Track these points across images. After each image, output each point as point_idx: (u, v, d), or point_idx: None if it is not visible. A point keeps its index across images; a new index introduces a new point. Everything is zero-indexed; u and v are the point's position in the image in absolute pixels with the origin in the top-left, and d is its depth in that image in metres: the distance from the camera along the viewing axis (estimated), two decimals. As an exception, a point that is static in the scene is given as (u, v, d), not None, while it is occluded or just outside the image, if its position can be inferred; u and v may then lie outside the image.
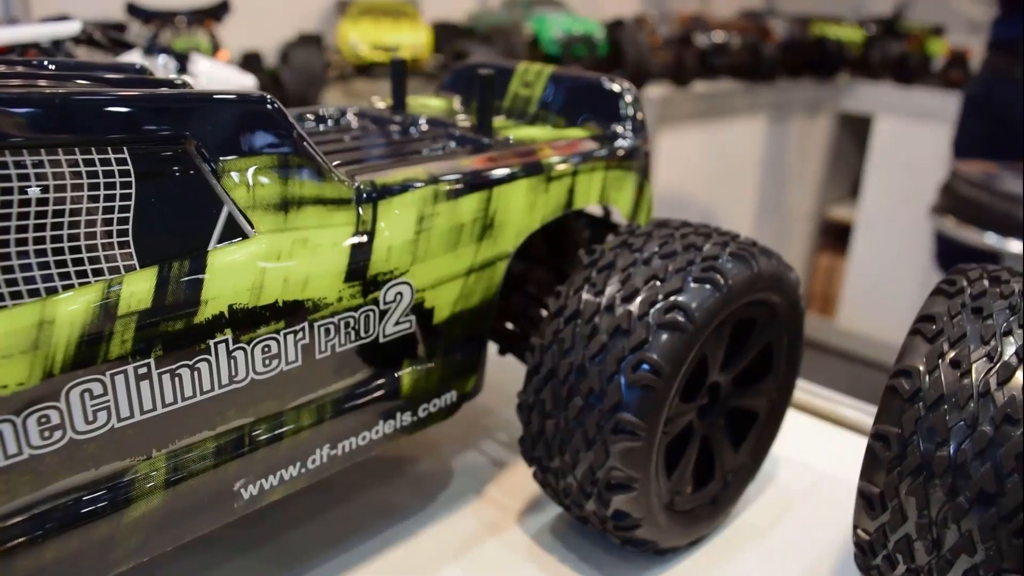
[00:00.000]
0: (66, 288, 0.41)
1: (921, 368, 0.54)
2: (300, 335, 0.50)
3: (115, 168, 0.43)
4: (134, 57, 1.25)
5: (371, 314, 0.54)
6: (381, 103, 0.81)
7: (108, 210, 0.42)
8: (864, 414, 0.89)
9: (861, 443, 0.85)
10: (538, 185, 0.64)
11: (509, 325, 0.76)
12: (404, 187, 0.55)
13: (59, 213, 0.41)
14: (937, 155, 2.92)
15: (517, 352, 0.74)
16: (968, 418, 0.51)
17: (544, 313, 0.76)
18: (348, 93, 2.87)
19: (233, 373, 0.48)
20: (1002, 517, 0.49)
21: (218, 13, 2.49)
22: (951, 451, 0.51)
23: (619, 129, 0.74)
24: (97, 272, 0.42)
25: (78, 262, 0.41)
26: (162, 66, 1.23)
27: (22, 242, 0.40)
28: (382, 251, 0.54)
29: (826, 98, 3.78)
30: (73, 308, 0.41)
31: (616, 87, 0.76)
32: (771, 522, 0.71)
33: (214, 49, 2.40)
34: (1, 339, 0.38)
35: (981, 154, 2.33)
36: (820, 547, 0.68)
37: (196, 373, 0.46)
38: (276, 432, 0.51)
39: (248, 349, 0.48)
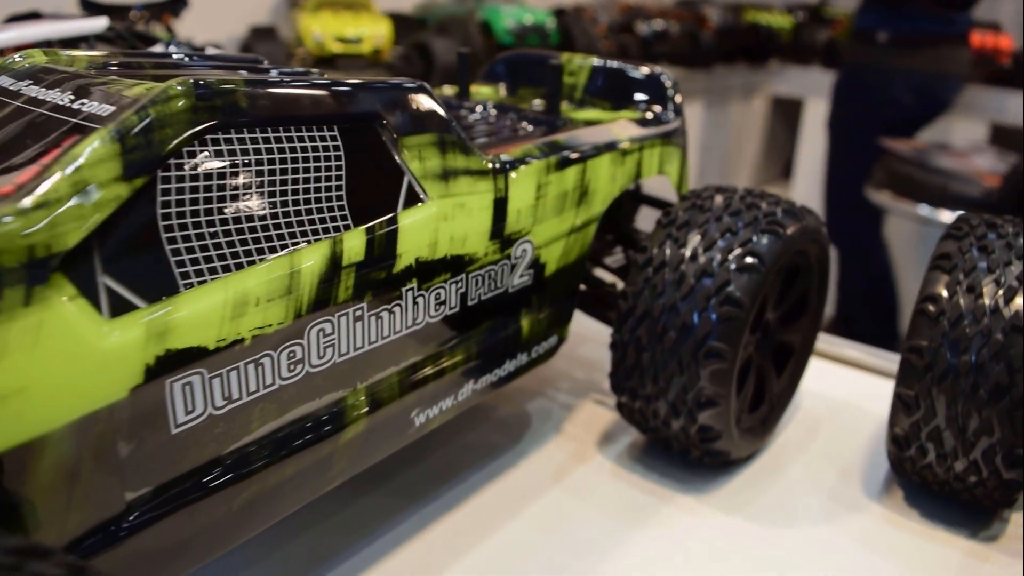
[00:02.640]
0: (306, 243, 0.50)
1: (944, 294, 0.67)
2: (459, 285, 0.60)
3: (330, 143, 0.52)
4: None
5: (505, 268, 0.64)
6: (449, 91, 0.90)
7: (329, 178, 0.51)
8: (860, 352, 1.04)
9: (859, 376, 1.00)
10: (616, 159, 0.75)
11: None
12: (525, 160, 0.65)
13: (296, 181, 0.50)
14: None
15: (584, 307, 0.85)
16: (984, 330, 0.65)
17: (599, 273, 0.88)
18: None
19: (415, 316, 0.57)
20: (1014, 403, 0.63)
21: (176, 7, 2.49)
22: (972, 357, 0.65)
23: (663, 111, 0.86)
24: (325, 230, 0.51)
25: (312, 221, 0.50)
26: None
27: (273, 204, 0.48)
28: (514, 213, 0.64)
29: (760, 83, 4.00)
30: (313, 260, 0.50)
31: (659, 74, 0.87)
32: (806, 439, 0.84)
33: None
34: (266, 286, 0.47)
35: (850, 135, 2.56)
36: (849, 455, 0.82)
37: (392, 316, 0.55)
38: (439, 368, 0.61)
39: (426, 296, 0.57)
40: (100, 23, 1.21)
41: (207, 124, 0.45)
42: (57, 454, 0.39)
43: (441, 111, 0.59)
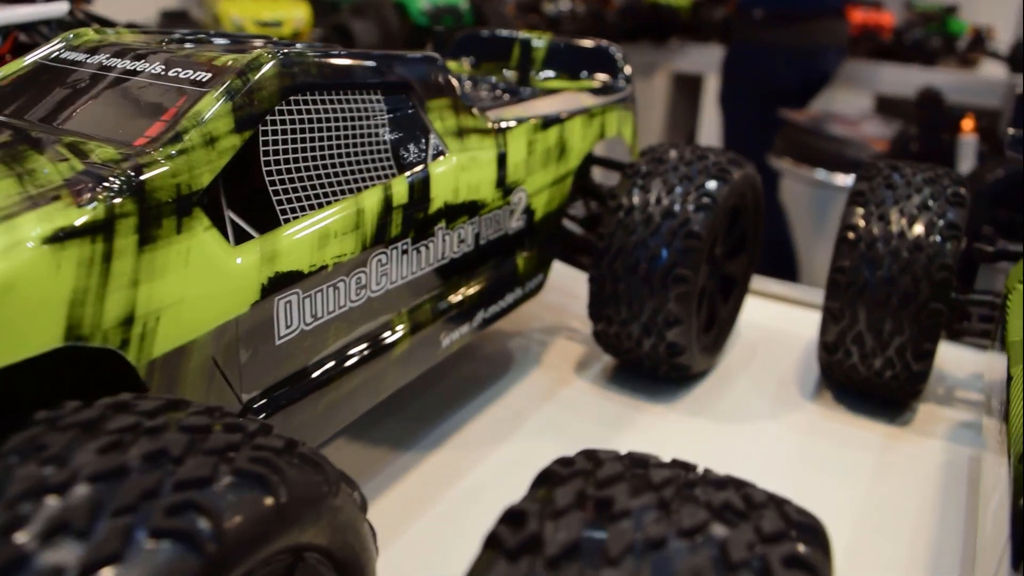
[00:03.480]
0: (366, 188, 0.59)
1: (861, 223, 0.82)
2: (475, 226, 0.71)
3: (376, 105, 0.61)
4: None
5: (506, 212, 0.75)
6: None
7: (378, 133, 0.61)
8: (785, 288, 1.20)
9: (785, 308, 1.16)
10: (586, 121, 0.86)
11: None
12: (518, 121, 0.76)
13: (355, 135, 0.59)
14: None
15: (559, 254, 0.97)
16: (893, 250, 0.80)
17: (569, 223, 0.99)
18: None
19: (443, 252, 0.67)
20: (919, 307, 0.78)
21: (86, -8, 2.44)
22: (885, 272, 0.80)
23: (614, 80, 0.98)
24: (379, 177, 0.60)
25: (369, 169, 0.60)
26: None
27: (340, 154, 0.58)
28: (512, 166, 0.75)
29: (661, 60, 4.20)
30: (372, 201, 0.59)
31: (608, 47, 0.99)
32: (748, 359, 0.99)
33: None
34: (340, 222, 0.57)
35: (739, 109, 2.76)
36: (785, 370, 0.97)
37: (427, 250, 0.65)
38: (460, 298, 0.71)
39: (452, 235, 0.68)
40: (62, 7, 1.24)
41: (289, 86, 0.54)
42: (201, 357, 0.48)
43: (453, 79, 0.69)
